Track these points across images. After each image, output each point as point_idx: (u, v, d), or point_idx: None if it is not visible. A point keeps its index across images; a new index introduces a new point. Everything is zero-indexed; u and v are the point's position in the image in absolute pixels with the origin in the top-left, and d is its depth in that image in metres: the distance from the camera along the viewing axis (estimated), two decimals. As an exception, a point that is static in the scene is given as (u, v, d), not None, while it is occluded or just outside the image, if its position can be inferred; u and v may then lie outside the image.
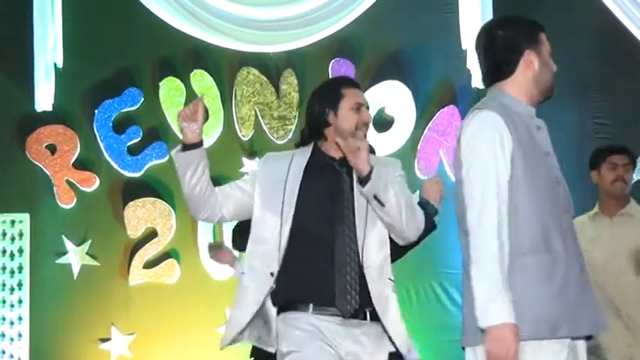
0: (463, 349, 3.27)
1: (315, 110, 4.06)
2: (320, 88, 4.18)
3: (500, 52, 3.35)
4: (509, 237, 3.14)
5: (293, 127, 7.51)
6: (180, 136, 3.76)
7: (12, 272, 7.41)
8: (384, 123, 7.43)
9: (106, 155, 7.51)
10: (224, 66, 7.67)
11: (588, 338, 3.26)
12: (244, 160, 7.54)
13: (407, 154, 7.31)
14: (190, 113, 3.96)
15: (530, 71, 3.34)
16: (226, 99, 7.59)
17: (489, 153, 3.19)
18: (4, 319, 7.37)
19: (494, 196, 3.15)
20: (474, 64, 7.49)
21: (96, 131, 7.52)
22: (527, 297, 3.11)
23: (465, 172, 3.23)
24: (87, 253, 7.44)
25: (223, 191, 4.08)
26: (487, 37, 3.39)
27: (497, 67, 3.36)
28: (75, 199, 7.47)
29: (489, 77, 3.41)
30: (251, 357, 4.92)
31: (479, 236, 3.13)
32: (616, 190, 5.55)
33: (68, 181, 7.48)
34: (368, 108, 4.10)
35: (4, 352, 7.30)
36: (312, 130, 4.08)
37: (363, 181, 3.85)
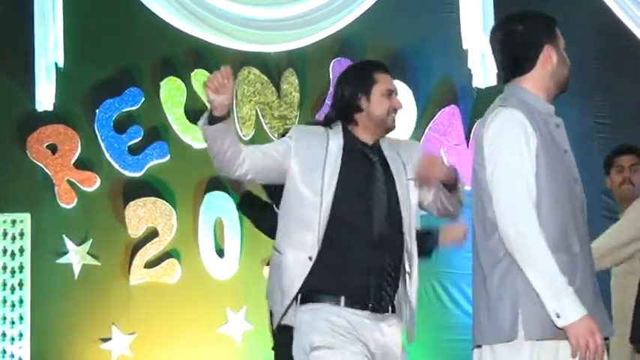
0: (479, 346, 3.25)
1: (346, 94, 3.97)
2: (351, 72, 4.10)
3: (519, 47, 3.31)
4: None
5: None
6: (181, 137, 3.76)
7: (13, 272, 7.40)
8: (384, 123, 7.43)
9: (107, 155, 7.51)
10: (225, 65, 7.65)
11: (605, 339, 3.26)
12: (245, 159, 7.53)
13: (408, 154, 7.30)
14: (220, 85, 3.79)
15: (549, 66, 3.31)
16: (227, 99, 7.58)
17: (515, 151, 3.16)
18: (4, 318, 7.37)
19: (525, 194, 3.12)
20: (474, 64, 7.49)
21: (97, 131, 7.52)
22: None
23: (490, 172, 3.19)
24: (88, 253, 7.44)
25: (253, 154, 3.93)
26: (504, 32, 3.35)
27: (516, 63, 3.32)
28: (76, 199, 7.47)
29: (506, 73, 3.36)
30: (273, 349, 4.81)
31: (522, 237, 3.10)
32: (623, 192, 5.42)
33: (69, 181, 7.47)
34: (397, 94, 4.06)
35: (5, 352, 7.30)
36: (342, 113, 3.99)
37: (453, 186, 3.87)
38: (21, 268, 7.41)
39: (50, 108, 7.49)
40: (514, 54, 3.32)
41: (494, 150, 3.20)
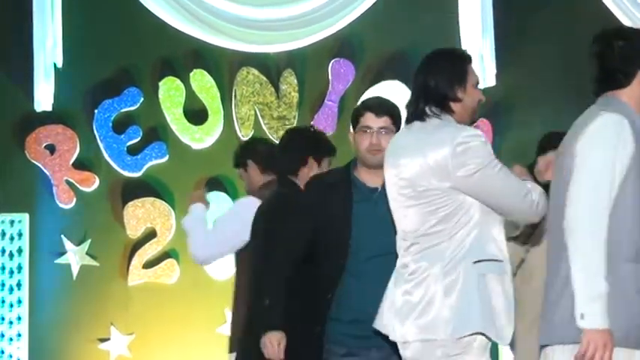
0: (544, 346, 3.27)
1: (440, 84, 3.95)
2: (443, 62, 4.08)
3: (618, 61, 3.33)
4: (609, 241, 3.13)
5: (293, 127, 7.51)
6: (180, 137, 3.70)
7: (11, 272, 7.40)
8: (383, 123, 7.42)
9: (106, 155, 7.51)
10: (224, 66, 7.67)
11: None
12: (244, 160, 7.53)
13: (407, 155, 7.29)
14: None
15: None
16: (226, 99, 7.58)
17: (606, 155, 3.17)
18: (3, 319, 7.36)
19: (601, 199, 3.13)
20: (473, 65, 7.48)
21: (95, 131, 7.52)
22: (621, 304, 3.12)
23: (576, 168, 3.19)
24: (86, 253, 7.44)
25: None
26: (605, 44, 3.37)
27: (612, 76, 3.34)
28: (74, 199, 7.47)
29: (601, 86, 3.38)
30: None
31: (582, 238, 3.12)
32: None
33: (67, 181, 7.47)
34: None
35: (3, 352, 7.30)
36: (437, 103, 3.92)
37: None
38: (19, 268, 7.40)
39: (49, 108, 7.49)
40: (612, 67, 3.34)
41: (588, 149, 3.20)
